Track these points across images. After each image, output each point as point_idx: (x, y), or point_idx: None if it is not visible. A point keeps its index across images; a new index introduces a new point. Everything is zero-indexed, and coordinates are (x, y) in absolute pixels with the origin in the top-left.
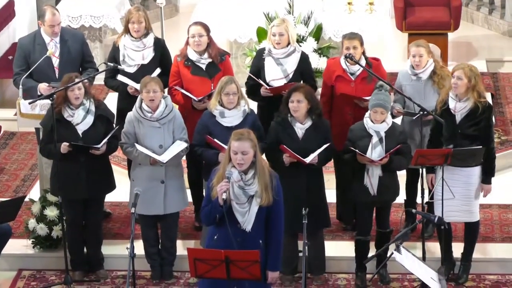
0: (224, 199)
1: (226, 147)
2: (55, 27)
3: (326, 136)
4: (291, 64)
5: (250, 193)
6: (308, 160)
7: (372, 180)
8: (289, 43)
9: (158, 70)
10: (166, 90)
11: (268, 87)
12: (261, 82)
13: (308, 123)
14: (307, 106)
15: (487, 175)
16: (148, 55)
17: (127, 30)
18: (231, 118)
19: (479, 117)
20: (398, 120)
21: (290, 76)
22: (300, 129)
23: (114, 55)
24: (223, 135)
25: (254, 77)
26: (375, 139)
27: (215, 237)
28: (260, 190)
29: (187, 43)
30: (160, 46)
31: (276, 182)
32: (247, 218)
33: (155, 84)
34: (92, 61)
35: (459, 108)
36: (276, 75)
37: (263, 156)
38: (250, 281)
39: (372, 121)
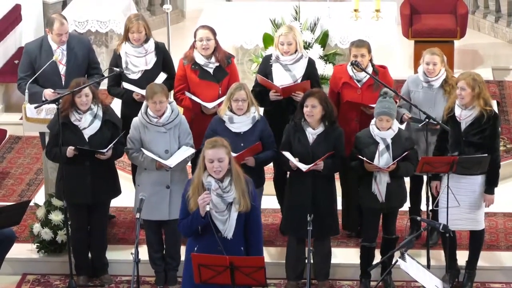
0: (207, 210)
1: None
2: (62, 36)
3: (336, 144)
4: (300, 70)
5: (228, 200)
6: (304, 168)
7: (380, 187)
8: (296, 50)
9: (164, 76)
10: (171, 93)
11: (279, 87)
12: (271, 83)
13: (320, 129)
14: (321, 112)
15: (490, 185)
16: (150, 60)
17: (126, 38)
18: (239, 124)
19: (484, 125)
20: (404, 126)
21: (299, 81)
22: (311, 134)
23: (116, 63)
24: (231, 141)
25: (263, 78)
26: (381, 146)
27: (195, 248)
28: (238, 196)
29: (193, 47)
30: (161, 50)
31: (252, 188)
32: (227, 225)
33: (161, 95)
34: (98, 67)
35: (464, 116)
36: (284, 80)
37: (271, 164)
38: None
39: (378, 128)
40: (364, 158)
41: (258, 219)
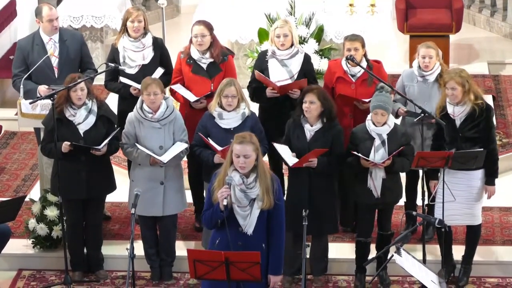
0: (225, 205)
1: (218, 148)
2: (54, 22)
3: (334, 142)
4: (296, 65)
5: (251, 196)
6: (291, 163)
7: (375, 182)
8: (292, 44)
9: (161, 70)
10: (167, 89)
11: (276, 85)
12: (269, 79)
13: (318, 125)
14: (320, 108)
15: (490, 176)
16: (148, 55)
17: (125, 30)
18: (229, 120)
19: (478, 119)
20: (399, 121)
21: (295, 77)
22: (309, 130)
23: (113, 57)
24: (221, 137)
25: (261, 74)
26: (377, 141)
27: (217, 241)
28: (262, 193)
29: (191, 41)
30: (158, 45)
31: (277, 186)
32: (248, 221)
33: (155, 87)
34: (90, 61)
35: (458, 112)
36: (281, 76)
37: (265, 157)
38: (251, 283)
39: (374, 123)
40: (360, 155)
41: (281, 217)
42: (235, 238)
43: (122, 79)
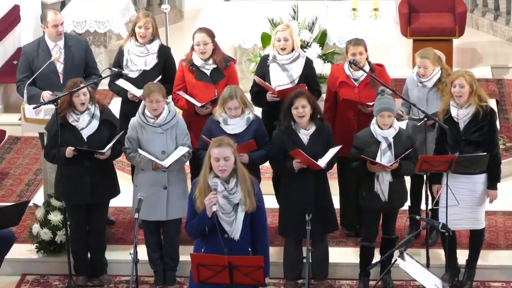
0: (214, 211)
1: None
2: (59, 27)
3: (329, 140)
4: (297, 70)
5: (234, 201)
6: (323, 164)
7: (382, 186)
8: (293, 49)
9: (158, 77)
10: (169, 97)
11: (275, 91)
12: (268, 84)
13: (312, 128)
14: (310, 111)
15: (492, 181)
16: (150, 61)
17: (133, 34)
18: (234, 126)
19: (482, 122)
20: (402, 125)
21: (296, 81)
22: (304, 135)
23: (119, 59)
24: None
25: (261, 80)
26: (384, 145)
27: (202, 250)
28: (244, 197)
29: (192, 49)
30: (164, 53)
31: (257, 188)
32: (234, 227)
33: (158, 94)
34: (95, 67)
35: (462, 115)
36: (281, 81)
37: (267, 164)
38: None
39: (379, 127)
40: (369, 159)
41: (263, 219)
42: (221, 245)
43: (120, 82)
